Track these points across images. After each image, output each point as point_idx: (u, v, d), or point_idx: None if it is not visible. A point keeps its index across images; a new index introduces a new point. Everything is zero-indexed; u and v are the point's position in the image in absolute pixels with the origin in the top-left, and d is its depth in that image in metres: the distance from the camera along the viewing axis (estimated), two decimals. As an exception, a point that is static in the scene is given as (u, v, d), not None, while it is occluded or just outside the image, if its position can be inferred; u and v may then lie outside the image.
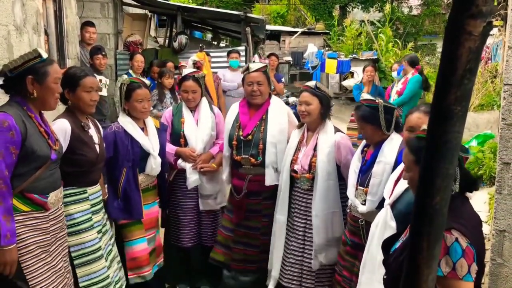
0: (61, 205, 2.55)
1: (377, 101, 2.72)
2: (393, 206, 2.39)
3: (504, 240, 3.13)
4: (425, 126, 2.28)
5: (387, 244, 2.02)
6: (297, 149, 3.19)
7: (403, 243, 1.87)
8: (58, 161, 2.48)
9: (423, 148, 0.86)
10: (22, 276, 2.27)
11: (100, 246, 2.82)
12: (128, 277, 3.20)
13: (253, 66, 3.47)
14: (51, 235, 2.43)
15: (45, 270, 2.36)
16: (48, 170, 2.39)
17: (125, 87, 3.22)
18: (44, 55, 2.34)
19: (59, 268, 2.46)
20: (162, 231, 3.86)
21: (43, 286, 2.34)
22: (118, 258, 3.09)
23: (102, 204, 2.96)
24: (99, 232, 2.84)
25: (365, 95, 2.90)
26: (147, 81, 3.39)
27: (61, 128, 2.64)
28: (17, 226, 2.24)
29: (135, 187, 3.20)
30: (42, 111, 2.46)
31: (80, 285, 2.73)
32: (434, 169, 0.84)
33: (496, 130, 7.56)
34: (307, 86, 3.16)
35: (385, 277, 2.00)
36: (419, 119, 2.35)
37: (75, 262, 2.72)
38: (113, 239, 3.08)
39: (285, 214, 3.18)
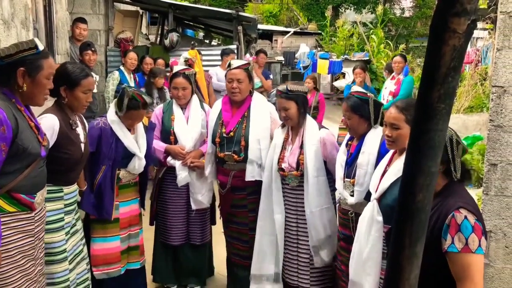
0: (44, 205, 2.42)
1: (368, 94, 2.83)
2: (379, 200, 2.43)
3: (490, 241, 3.15)
4: (395, 121, 2.33)
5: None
6: (283, 148, 3.20)
7: None
8: (45, 158, 2.35)
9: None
10: None
11: (65, 248, 2.68)
12: (93, 272, 3.11)
13: (235, 63, 3.48)
14: (35, 237, 2.30)
15: (19, 277, 2.21)
16: (37, 168, 2.26)
17: (127, 100, 3.11)
18: (40, 47, 2.19)
19: (34, 274, 2.31)
20: (151, 229, 3.85)
21: None
22: (88, 259, 2.98)
23: (76, 205, 2.86)
24: (67, 233, 2.72)
25: (356, 88, 3.02)
26: (149, 99, 3.26)
27: (50, 125, 2.53)
28: (1, 229, 2.10)
29: (111, 186, 3.14)
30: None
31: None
32: (416, 166, 0.83)
33: (485, 132, 7.61)
34: (279, 91, 3.14)
35: None
36: (391, 113, 2.38)
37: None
38: (84, 239, 2.95)
39: (282, 212, 3.19)
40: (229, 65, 3.48)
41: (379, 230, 2.42)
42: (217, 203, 3.80)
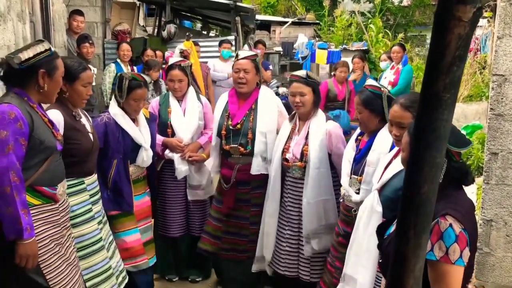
0: (67, 196, 2.54)
1: (382, 89, 2.73)
2: (381, 191, 2.41)
3: (491, 230, 3.16)
4: (401, 120, 2.28)
5: (381, 228, 2.05)
6: (289, 138, 3.19)
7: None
8: (61, 152, 2.46)
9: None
10: (39, 270, 2.26)
11: (101, 237, 2.78)
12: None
13: (242, 54, 3.46)
14: (62, 227, 2.42)
15: (60, 263, 2.35)
16: (55, 161, 2.37)
17: (127, 82, 3.16)
18: (53, 48, 2.32)
19: (72, 260, 2.46)
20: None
21: (60, 279, 2.33)
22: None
23: (100, 194, 2.93)
24: (99, 222, 2.81)
25: (371, 81, 2.92)
26: (148, 78, 3.33)
27: (54, 119, 2.58)
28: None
29: (126, 178, 3.17)
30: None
31: (84, 277, 2.69)
32: (421, 157, 0.82)
33: (484, 121, 7.62)
34: (297, 76, 3.12)
35: (380, 260, 2.04)
36: (395, 112, 2.33)
37: (77, 255, 2.68)
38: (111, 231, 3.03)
39: (277, 201, 3.19)
40: (237, 55, 3.46)
41: (378, 221, 2.39)
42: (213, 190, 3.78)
